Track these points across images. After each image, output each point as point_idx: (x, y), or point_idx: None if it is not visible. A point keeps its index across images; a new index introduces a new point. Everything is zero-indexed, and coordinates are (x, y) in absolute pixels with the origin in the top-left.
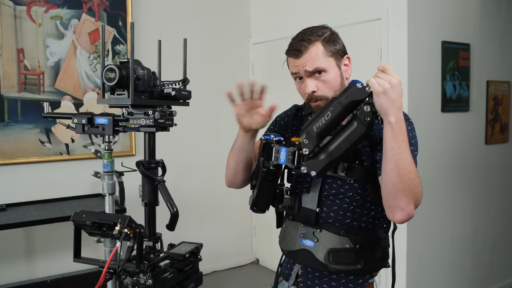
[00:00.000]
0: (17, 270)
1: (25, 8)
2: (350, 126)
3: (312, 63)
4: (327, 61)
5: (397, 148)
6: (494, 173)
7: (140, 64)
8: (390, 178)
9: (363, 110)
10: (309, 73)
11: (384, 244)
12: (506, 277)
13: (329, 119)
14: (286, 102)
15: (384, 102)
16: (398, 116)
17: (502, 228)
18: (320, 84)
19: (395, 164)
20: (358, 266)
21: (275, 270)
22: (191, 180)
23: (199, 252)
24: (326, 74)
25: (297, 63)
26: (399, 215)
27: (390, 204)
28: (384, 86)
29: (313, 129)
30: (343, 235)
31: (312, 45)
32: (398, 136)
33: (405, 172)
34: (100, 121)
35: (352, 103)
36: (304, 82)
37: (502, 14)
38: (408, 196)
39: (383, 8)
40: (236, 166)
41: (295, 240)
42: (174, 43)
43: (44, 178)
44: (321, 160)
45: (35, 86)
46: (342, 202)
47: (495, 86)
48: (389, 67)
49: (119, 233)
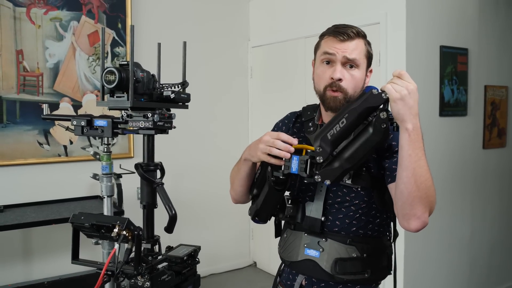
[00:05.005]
0: (15, 271)
1: (24, 9)
2: (366, 133)
3: (353, 52)
4: (363, 60)
5: (414, 155)
6: (492, 177)
7: (140, 67)
8: (407, 186)
9: (379, 117)
10: (345, 60)
11: (390, 252)
12: (503, 282)
13: (344, 126)
14: (284, 104)
15: (402, 109)
16: (415, 123)
17: (499, 232)
18: (348, 76)
19: (413, 172)
20: (366, 275)
21: (272, 273)
22: (189, 182)
23: (197, 254)
24: (357, 71)
25: (339, 46)
26: (414, 223)
27: (406, 212)
28: (402, 93)
29: (328, 137)
30: (350, 244)
31: (359, 37)
32: (415, 143)
33: (422, 180)
34: (99, 123)
35: (367, 109)
36: (333, 67)
37: (500, 19)
38: (424, 204)
39: (382, 12)
40: (243, 190)
41: (298, 250)
42: (174, 46)
43: (42, 179)
44: (336, 169)
45: (34, 87)
46: (347, 210)
47: (493, 91)
48: (405, 73)
49: (117, 235)
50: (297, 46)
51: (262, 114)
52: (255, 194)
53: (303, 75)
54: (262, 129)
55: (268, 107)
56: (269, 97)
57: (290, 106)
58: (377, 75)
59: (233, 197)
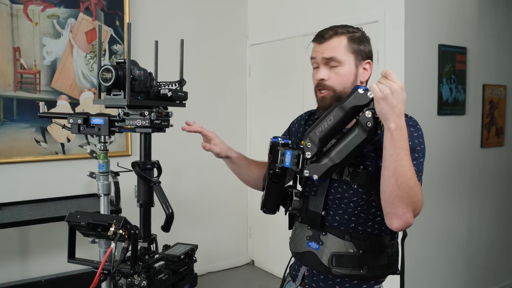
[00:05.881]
0: (11, 270)
1: (22, 6)
2: (352, 132)
3: (330, 52)
4: (346, 56)
5: (395, 155)
6: (489, 176)
7: (137, 65)
8: (387, 185)
9: (364, 116)
10: (325, 60)
11: (391, 251)
12: (500, 280)
13: (331, 124)
14: (282, 102)
15: (384, 108)
16: (398, 122)
17: (496, 231)
18: (332, 75)
19: (393, 171)
20: (361, 271)
21: (270, 272)
22: (186, 181)
23: (194, 253)
24: (341, 68)
25: (318, 48)
26: (396, 222)
27: (388, 211)
28: (384, 92)
29: (316, 133)
30: (348, 240)
31: (337, 36)
32: (398, 143)
33: (403, 180)
34: (96, 122)
35: (354, 108)
36: (318, 69)
37: (498, 18)
38: (406, 204)
39: (381, 11)
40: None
41: (302, 242)
42: (171, 43)
43: (39, 177)
44: (323, 164)
45: (31, 85)
46: (347, 206)
47: (491, 90)
48: (391, 73)
49: (114, 234)
50: (296, 44)
51: (260, 112)
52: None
53: (301, 73)
54: (260, 126)
55: (266, 105)
56: (267, 95)
57: (288, 104)
58: (376, 74)
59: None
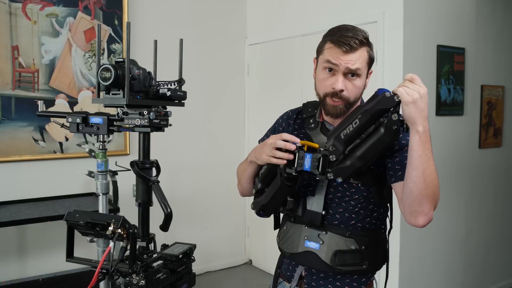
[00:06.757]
0: (9, 269)
1: (20, 5)
2: (377, 133)
3: (356, 63)
4: (364, 68)
5: (424, 156)
6: (487, 177)
7: (136, 64)
8: (417, 185)
9: (391, 118)
10: (348, 70)
11: (385, 244)
12: (498, 280)
13: (356, 127)
14: (281, 102)
15: (413, 112)
16: (425, 125)
17: (494, 231)
18: (349, 86)
19: (422, 171)
20: (363, 267)
21: (268, 271)
22: (185, 180)
23: (193, 253)
24: (359, 80)
25: (343, 57)
26: (422, 220)
27: (415, 209)
28: (414, 96)
29: (341, 136)
30: (349, 237)
31: (362, 47)
32: (425, 144)
33: (430, 179)
34: (95, 121)
35: (379, 111)
36: (335, 76)
37: (497, 19)
38: (431, 201)
39: (379, 11)
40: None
41: (299, 242)
42: (170, 43)
43: (38, 176)
44: (348, 167)
45: (29, 83)
46: (347, 204)
47: (489, 91)
48: (416, 77)
49: (112, 233)
50: (294, 44)
51: (259, 112)
52: (260, 189)
53: (300, 73)
54: (258, 126)
55: (265, 105)
56: (266, 94)
57: (287, 103)
58: (374, 74)
59: (241, 191)
